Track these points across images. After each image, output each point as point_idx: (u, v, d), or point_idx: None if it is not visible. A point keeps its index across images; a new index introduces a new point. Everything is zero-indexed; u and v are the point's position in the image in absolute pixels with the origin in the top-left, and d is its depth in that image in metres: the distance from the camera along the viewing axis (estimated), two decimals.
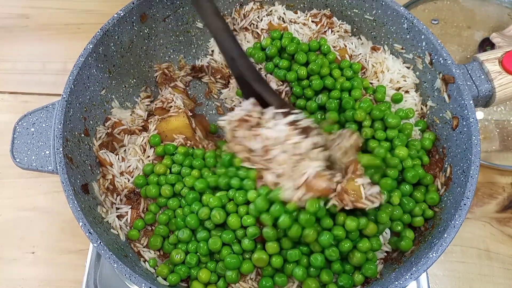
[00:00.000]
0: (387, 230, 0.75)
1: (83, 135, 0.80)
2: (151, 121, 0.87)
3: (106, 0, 1.29)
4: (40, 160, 0.75)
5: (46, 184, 1.05)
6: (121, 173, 0.81)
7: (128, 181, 0.80)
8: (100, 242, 0.65)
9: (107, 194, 0.79)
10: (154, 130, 0.85)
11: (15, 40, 1.26)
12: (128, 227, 0.78)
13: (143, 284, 0.63)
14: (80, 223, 0.67)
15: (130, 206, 0.79)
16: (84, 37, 0.86)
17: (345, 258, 0.73)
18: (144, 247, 0.77)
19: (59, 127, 0.73)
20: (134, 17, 0.86)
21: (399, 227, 0.75)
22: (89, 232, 0.66)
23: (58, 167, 0.71)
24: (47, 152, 0.75)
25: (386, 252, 0.76)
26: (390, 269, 0.72)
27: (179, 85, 0.96)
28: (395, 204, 0.74)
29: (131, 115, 0.90)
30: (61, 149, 0.71)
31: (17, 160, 0.75)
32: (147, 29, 0.90)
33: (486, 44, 1.12)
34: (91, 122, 0.82)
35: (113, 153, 0.83)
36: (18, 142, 0.77)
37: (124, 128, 0.85)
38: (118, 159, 0.82)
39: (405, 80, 0.87)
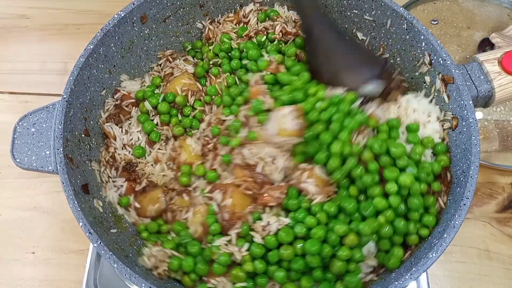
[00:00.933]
0: (372, 244, 0.72)
1: (83, 135, 0.80)
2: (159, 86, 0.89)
3: (106, 1, 1.29)
4: (40, 160, 0.75)
5: (46, 184, 1.05)
6: (124, 146, 0.83)
7: (129, 153, 0.83)
8: (100, 242, 0.66)
9: (106, 167, 0.82)
10: (161, 94, 0.87)
11: (15, 40, 1.26)
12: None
13: (143, 284, 0.63)
14: (80, 223, 0.67)
15: (125, 179, 0.81)
16: (84, 38, 0.86)
17: (327, 267, 0.71)
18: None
19: (60, 127, 0.73)
20: (135, 18, 0.86)
21: (386, 245, 0.72)
22: (89, 232, 0.66)
23: (58, 167, 0.71)
24: (48, 152, 0.75)
25: (373, 267, 0.73)
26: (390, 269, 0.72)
27: (190, 59, 0.96)
28: (381, 223, 0.70)
29: (141, 87, 0.90)
30: (61, 149, 0.71)
31: (17, 160, 0.75)
32: (148, 30, 0.90)
33: (486, 45, 1.12)
34: (91, 122, 0.82)
35: (117, 126, 0.85)
36: (18, 142, 0.77)
37: (132, 102, 0.86)
38: (122, 132, 0.84)
39: (429, 120, 0.81)
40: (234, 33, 0.93)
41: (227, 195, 0.75)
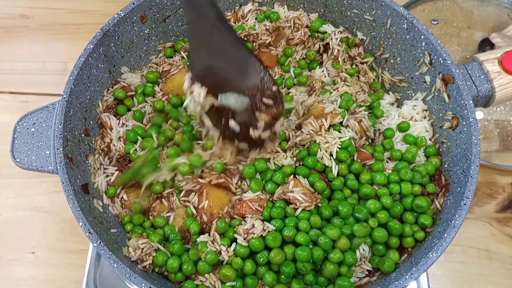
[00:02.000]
0: (366, 248, 0.72)
1: (83, 135, 0.80)
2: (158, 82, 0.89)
3: (106, 1, 1.29)
4: (40, 160, 0.75)
5: (46, 184, 1.05)
6: (119, 138, 0.83)
7: (123, 147, 0.82)
8: (100, 242, 0.66)
9: (100, 154, 0.81)
10: (160, 92, 0.87)
11: (15, 40, 1.26)
12: (109, 186, 0.80)
13: (143, 284, 0.63)
14: (80, 223, 0.67)
15: (116, 168, 0.81)
16: (84, 37, 0.86)
17: (319, 271, 0.71)
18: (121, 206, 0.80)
19: (59, 127, 0.73)
20: (134, 18, 0.86)
21: (380, 248, 0.72)
22: (89, 232, 0.66)
23: (58, 167, 0.71)
24: (47, 152, 0.75)
25: (368, 271, 0.73)
26: None
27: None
28: (374, 227, 0.71)
29: (141, 80, 0.90)
30: (61, 149, 0.71)
31: (17, 160, 0.75)
32: (147, 30, 0.90)
33: (486, 44, 1.12)
34: (91, 122, 0.82)
35: (115, 117, 0.85)
36: (18, 142, 0.77)
37: (132, 94, 0.86)
38: (119, 124, 0.84)
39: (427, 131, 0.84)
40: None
41: (202, 197, 0.74)
